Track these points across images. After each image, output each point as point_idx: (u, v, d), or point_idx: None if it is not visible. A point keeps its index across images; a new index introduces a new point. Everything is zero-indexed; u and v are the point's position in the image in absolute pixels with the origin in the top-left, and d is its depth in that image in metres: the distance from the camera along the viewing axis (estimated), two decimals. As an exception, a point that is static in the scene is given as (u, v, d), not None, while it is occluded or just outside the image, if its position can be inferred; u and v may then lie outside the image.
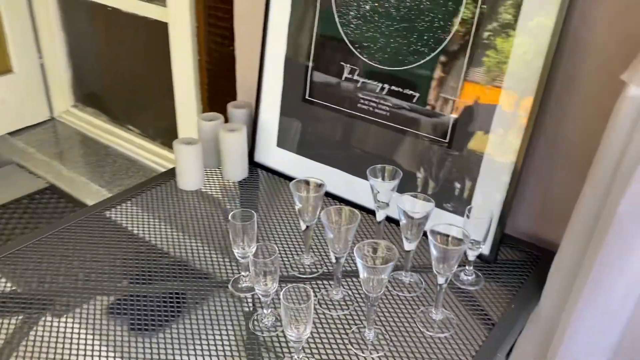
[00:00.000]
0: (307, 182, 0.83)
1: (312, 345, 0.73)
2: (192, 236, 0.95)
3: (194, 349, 0.73)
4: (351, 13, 0.95)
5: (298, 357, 0.70)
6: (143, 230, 0.96)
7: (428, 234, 0.72)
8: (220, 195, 1.06)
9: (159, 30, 1.70)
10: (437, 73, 0.89)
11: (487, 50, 0.84)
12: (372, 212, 0.98)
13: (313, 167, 1.06)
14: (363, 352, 0.72)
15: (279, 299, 0.65)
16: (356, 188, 1.01)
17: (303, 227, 0.85)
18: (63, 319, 0.77)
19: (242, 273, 0.84)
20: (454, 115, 0.89)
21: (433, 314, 0.78)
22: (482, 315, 0.79)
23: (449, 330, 0.76)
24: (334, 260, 0.78)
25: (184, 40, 1.56)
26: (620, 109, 0.68)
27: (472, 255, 0.84)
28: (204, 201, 1.04)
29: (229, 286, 0.83)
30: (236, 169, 1.08)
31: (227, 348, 0.73)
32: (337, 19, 0.97)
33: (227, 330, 0.76)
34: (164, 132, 1.89)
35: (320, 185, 0.83)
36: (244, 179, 1.10)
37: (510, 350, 0.83)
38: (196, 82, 1.60)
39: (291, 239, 0.94)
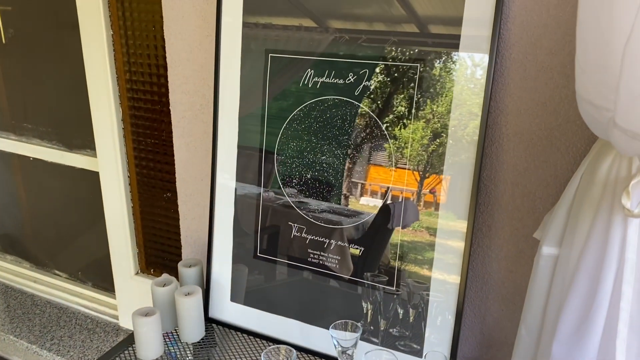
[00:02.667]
0: (277, 350, 0.89)
1: None
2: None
3: None
4: (294, 181, 1.06)
5: None
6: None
7: (397, 393, 0.80)
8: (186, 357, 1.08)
9: (84, 176, 1.72)
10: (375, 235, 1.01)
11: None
12: (332, 358, 1.05)
13: (269, 319, 1.12)
14: None
15: None
16: (313, 336, 1.08)
17: (276, 393, 0.89)
18: None
19: None
20: (399, 266, 1.00)
21: None
22: None
23: None
24: None
25: (116, 190, 1.59)
26: (538, 263, 0.82)
27: (431, 397, 0.92)
28: (166, 368, 1.06)
29: None
30: (193, 330, 1.11)
31: None
32: (281, 185, 1.08)
33: None
34: (95, 274, 1.86)
35: (290, 351, 0.89)
36: (201, 339, 1.13)
37: None
38: (131, 228, 1.63)
39: (261, 400, 0.97)
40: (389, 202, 0.99)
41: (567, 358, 0.77)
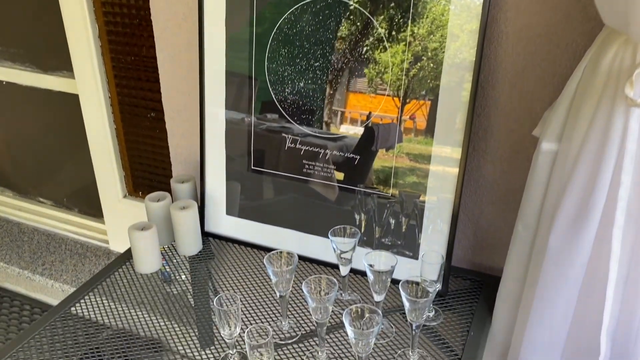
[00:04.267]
0: (278, 255, 0.90)
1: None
2: (166, 319, 0.97)
3: None
4: (286, 90, 1.04)
5: None
6: (115, 319, 0.97)
7: (400, 289, 0.82)
8: (181, 274, 1.09)
9: (63, 99, 1.66)
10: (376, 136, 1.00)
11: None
12: (329, 265, 1.07)
13: (264, 230, 1.12)
14: (360, 405, 0.80)
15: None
16: (310, 244, 1.09)
17: (278, 295, 0.91)
18: None
19: (230, 351, 0.88)
20: (395, 166, 1.00)
21: (410, 356, 0.88)
22: (448, 346, 0.91)
23: (426, 366, 0.86)
24: (316, 324, 0.85)
25: (97, 112, 1.54)
26: (537, 160, 0.82)
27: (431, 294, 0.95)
28: (164, 281, 1.06)
29: (218, 365, 0.88)
30: (191, 243, 1.12)
31: None
32: (273, 96, 1.05)
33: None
34: (81, 200, 1.84)
35: (291, 256, 0.90)
36: (199, 252, 1.13)
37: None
38: (115, 151, 1.59)
39: (262, 306, 0.99)
40: (372, 123, 0.98)
41: (563, 249, 0.79)
